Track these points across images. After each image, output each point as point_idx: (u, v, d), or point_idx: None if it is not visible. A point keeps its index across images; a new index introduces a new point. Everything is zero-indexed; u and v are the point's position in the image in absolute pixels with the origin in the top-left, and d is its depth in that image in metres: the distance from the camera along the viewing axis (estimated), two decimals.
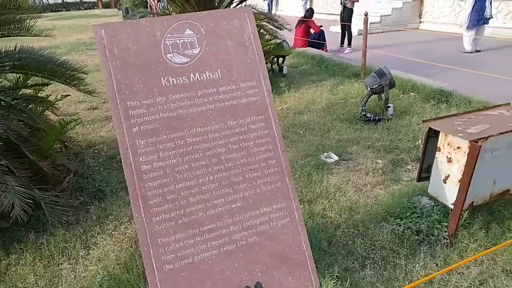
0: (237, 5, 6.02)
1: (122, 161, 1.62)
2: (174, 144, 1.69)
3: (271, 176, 1.81)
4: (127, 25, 1.70)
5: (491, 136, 2.14)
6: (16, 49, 3.03)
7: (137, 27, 1.69)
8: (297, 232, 1.84)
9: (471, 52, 7.84)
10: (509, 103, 2.69)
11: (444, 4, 11.01)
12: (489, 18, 7.73)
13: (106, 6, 36.34)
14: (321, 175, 3.13)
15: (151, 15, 6.45)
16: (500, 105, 2.66)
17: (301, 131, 4.10)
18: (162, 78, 1.69)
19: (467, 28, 7.78)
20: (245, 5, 6.13)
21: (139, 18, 5.81)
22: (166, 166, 1.67)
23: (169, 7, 6.48)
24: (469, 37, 7.81)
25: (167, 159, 1.67)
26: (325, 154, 3.48)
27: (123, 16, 22.10)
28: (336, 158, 3.41)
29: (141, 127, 1.64)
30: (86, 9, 35.52)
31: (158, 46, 1.70)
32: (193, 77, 1.74)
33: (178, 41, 1.73)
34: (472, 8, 7.57)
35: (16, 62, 2.87)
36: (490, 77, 5.18)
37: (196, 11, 4.97)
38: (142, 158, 1.64)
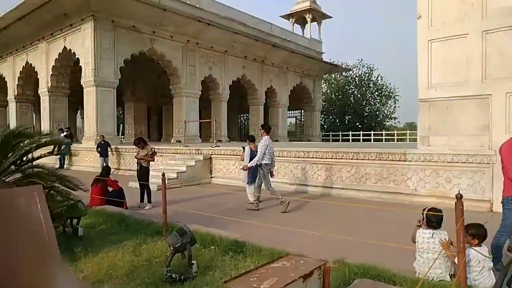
0: (22, 165, 5.47)
1: None
2: None
3: None
4: None
5: None
6: None
7: None
8: None
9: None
10: (288, 254, 3.22)
11: (228, 163, 13.12)
12: None
13: None
14: None
15: None
16: (282, 257, 3.15)
17: None
18: None
19: (248, 183, 9.35)
20: (33, 164, 5.64)
21: None
22: None
23: None
24: (250, 192, 9.33)
25: None
26: None
27: None
28: None
29: None
30: None
31: None
32: None
33: None
34: (249, 169, 9.28)
35: None
36: (271, 227, 6.17)
37: None
38: None
